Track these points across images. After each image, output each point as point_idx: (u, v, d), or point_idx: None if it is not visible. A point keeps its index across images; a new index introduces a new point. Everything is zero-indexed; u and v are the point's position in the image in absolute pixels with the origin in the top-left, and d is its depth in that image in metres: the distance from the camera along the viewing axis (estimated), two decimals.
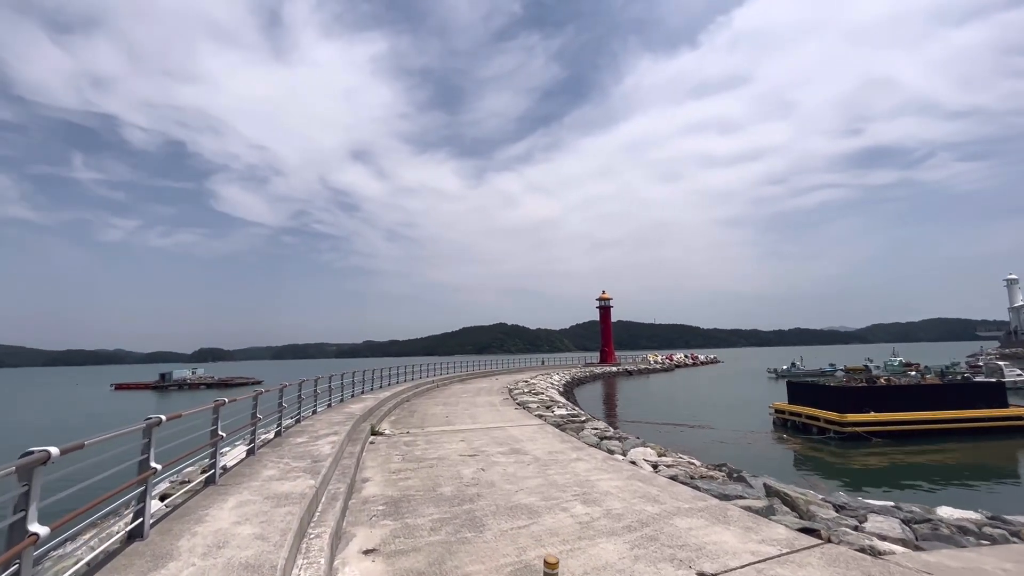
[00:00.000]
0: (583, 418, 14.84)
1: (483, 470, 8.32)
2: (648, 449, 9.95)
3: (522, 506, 6.28)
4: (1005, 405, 18.64)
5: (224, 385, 69.03)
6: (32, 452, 2.85)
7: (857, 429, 17.49)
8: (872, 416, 17.78)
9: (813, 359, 65.58)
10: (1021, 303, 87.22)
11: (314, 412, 12.83)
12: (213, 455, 6.06)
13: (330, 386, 14.88)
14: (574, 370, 55.79)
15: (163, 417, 4.81)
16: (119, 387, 71.27)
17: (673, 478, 7.55)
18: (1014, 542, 5.57)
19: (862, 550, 4.70)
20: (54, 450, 2.98)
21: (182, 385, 68.38)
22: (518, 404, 18.74)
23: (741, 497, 6.56)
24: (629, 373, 62.93)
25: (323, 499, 5.95)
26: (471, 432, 12.36)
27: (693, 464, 9.14)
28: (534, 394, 23.89)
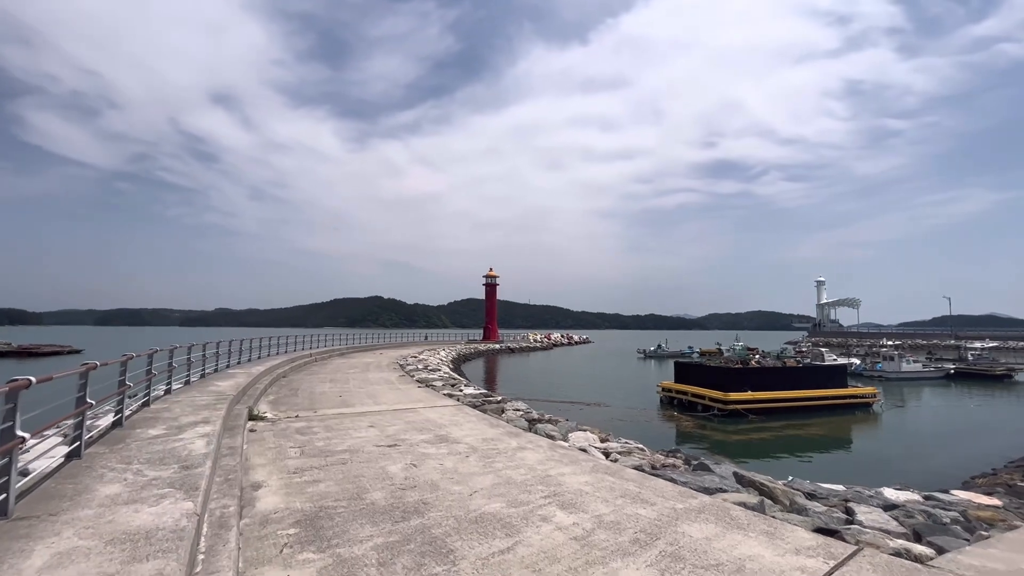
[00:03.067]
0: (498, 398, 13.74)
1: (415, 465, 6.74)
2: (588, 434, 9.14)
3: (489, 516, 4.91)
4: (846, 385, 21.69)
5: (27, 354, 55.79)
6: (16, 379, 3.16)
7: (738, 407, 18.90)
8: (750, 395, 19.35)
9: (674, 342, 72.72)
10: (825, 301, 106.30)
11: (168, 391, 9.92)
12: (6, 466, 3.69)
13: (189, 359, 11.82)
14: (459, 346, 54.84)
15: (32, 379, 3.62)
16: None
17: (639, 468, 6.73)
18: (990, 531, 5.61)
19: (897, 553, 4.19)
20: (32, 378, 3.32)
21: None
22: (419, 382, 17.07)
23: (722, 490, 5.92)
24: (511, 351, 63.83)
25: (206, 529, 3.94)
26: (378, 415, 10.54)
27: (643, 451, 8.51)
28: (430, 370, 22.29)
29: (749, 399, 19.31)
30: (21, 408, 3.59)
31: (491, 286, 71.86)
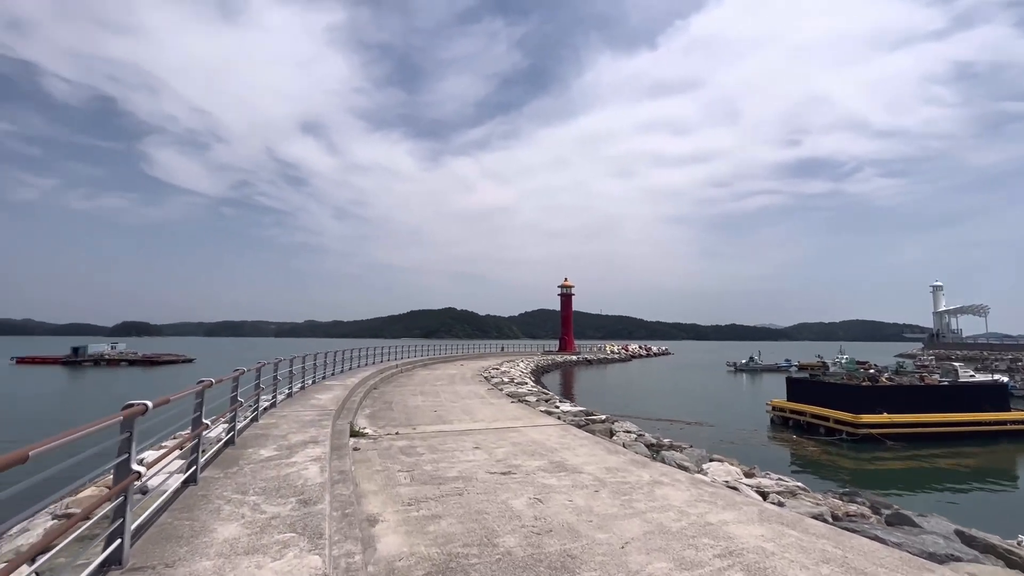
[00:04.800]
0: (602, 417, 12.62)
1: (540, 501, 5.84)
2: (728, 465, 7.81)
3: None
4: (1007, 408, 18.18)
5: (149, 363, 62.13)
6: (132, 404, 2.98)
7: (872, 431, 16.34)
8: (886, 417, 16.70)
9: (765, 354, 67.22)
10: (944, 308, 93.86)
11: (273, 405, 9.83)
12: (122, 506, 3.19)
13: (291, 371, 11.83)
14: (536, 358, 54.00)
15: (148, 403, 3.21)
16: (21, 361, 62.58)
17: (820, 518, 5.38)
18: None
19: None
20: (148, 403, 3.08)
21: (98, 361, 60.85)
22: (510, 396, 16.32)
23: (954, 557, 4.47)
24: (589, 362, 62.00)
25: None
26: (480, 435, 9.81)
27: (806, 491, 7.05)
28: (517, 384, 21.54)
29: (885, 422, 16.67)
30: (137, 436, 3.09)
31: (566, 296, 70.55)
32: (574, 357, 62.13)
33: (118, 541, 2.92)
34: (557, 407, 14.01)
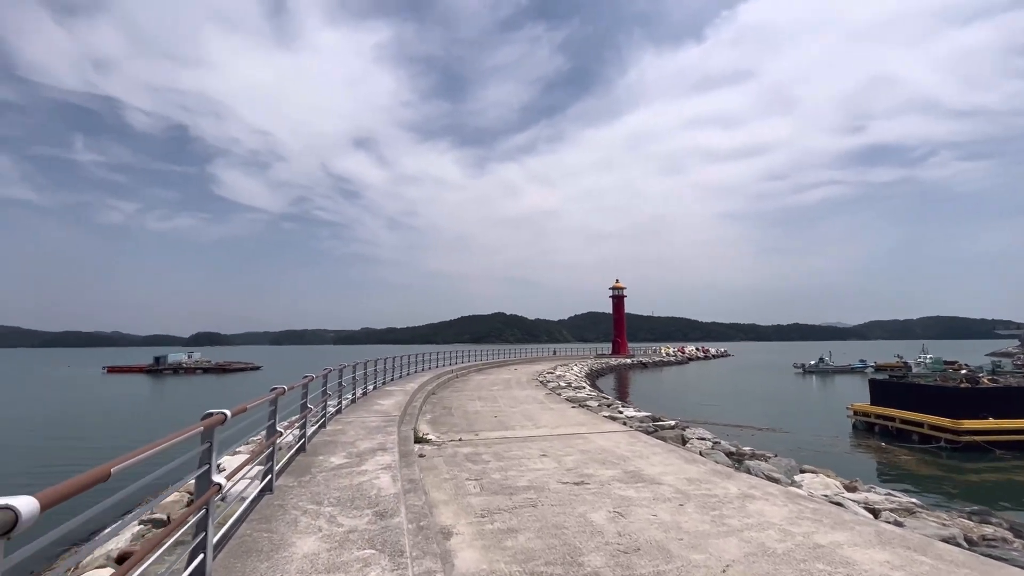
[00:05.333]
0: (671, 422, 11.96)
1: (621, 515, 5.42)
2: (824, 478, 7.07)
3: None
4: None
5: (221, 370, 66.08)
6: (212, 413, 2.91)
7: (976, 439, 14.67)
8: (992, 423, 14.96)
9: (839, 355, 62.88)
10: None
11: (339, 411, 9.91)
12: (205, 516, 3.09)
13: (353, 377, 11.97)
14: (589, 361, 53.06)
15: (227, 412, 3.12)
16: (111, 370, 68.20)
17: (951, 541, 4.66)
18: None
19: None
20: (227, 412, 3.04)
21: (177, 369, 65.35)
22: (570, 401, 15.89)
23: None
24: (644, 365, 60.27)
25: None
26: (545, 442, 9.47)
27: (922, 507, 6.24)
28: (574, 388, 21.05)
29: (991, 428, 14.93)
30: (217, 447, 2.97)
31: (618, 298, 69.05)
32: (628, 360, 60.62)
33: (201, 556, 2.80)
34: (621, 412, 13.44)
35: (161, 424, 24.56)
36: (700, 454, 8.40)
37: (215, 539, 3.15)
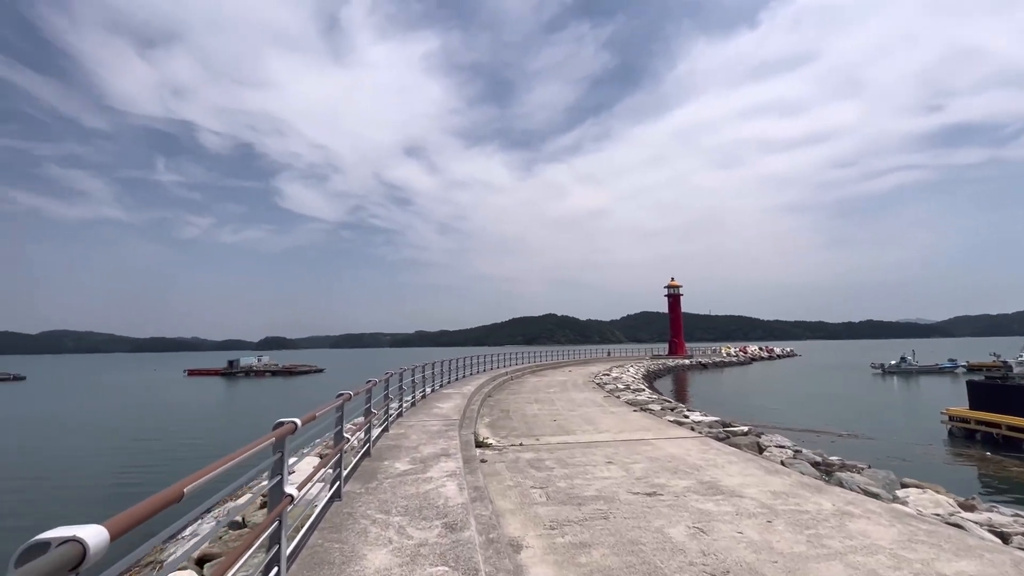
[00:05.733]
0: (744, 428, 11.22)
1: (702, 531, 5.00)
2: (933, 494, 6.29)
3: None
4: None
5: (288, 373, 69.57)
6: (283, 422, 2.84)
7: None
8: None
9: (922, 354, 57.81)
10: None
11: (400, 414, 9.97)
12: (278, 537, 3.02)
13: (413, 380, 12.05)
14: (645, 362, 51.61)
15: (297, 421, 3.01)
16: (191, 373, 73.50)
17: None
18: None
19: None
20: (297, 420, 2.97)
21: (248, 372, 69.46)
22: (630, 404, 15.34)
23: None
24: (703, 366, 57.92)
25: None
26: (610, 448, 9.09)
27: None
28: (633, 390, 20.39)
29: None
30: (288, 456, 2.88)
31: (674, 297, 66.88)
32: (686, 361, 58.48)
33: (275, 570, 2.72)
34: (687, 417, 12.79)
35: (236, 426, 26.02)
36: (782, 464, 7.75)
37: (288, 551, 3.08)
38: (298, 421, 2.96)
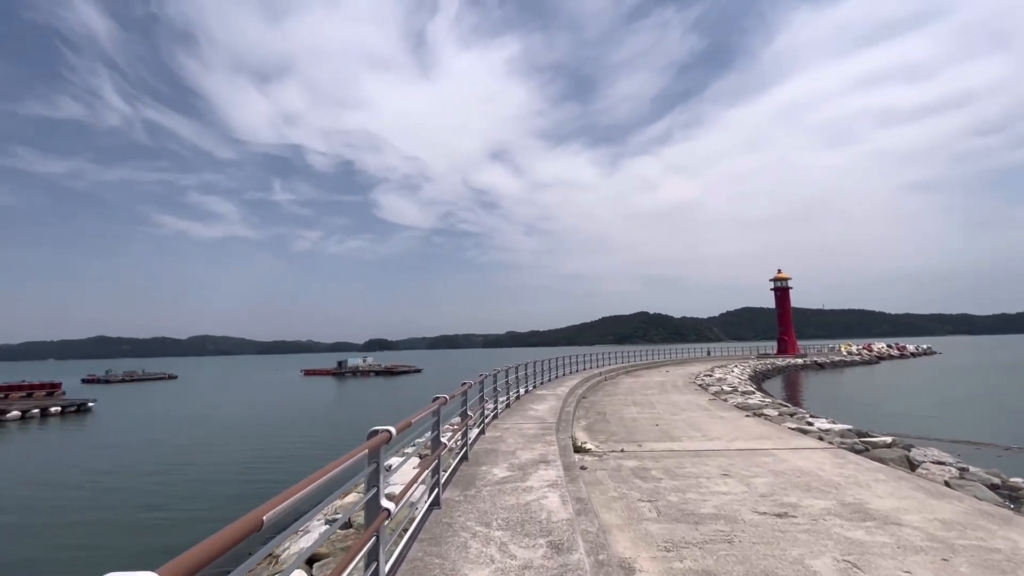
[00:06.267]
0: (885, 438, 9.66)
1: (855, 567, 4.16)
2: None
3: None
4: None
5: (389, 373, 73.85)
6: (377, 431, 2.70)
7: None
8: None
9: None
10: None
11: (495, 415, 9.83)
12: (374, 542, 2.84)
13: (507, 381, 11.91)
14: (751, 362, 47.75)
15: (392, 430, 2.81)
16: (307, 373, 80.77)
17: None
18: None
19: None
20: (392, 429, 2.81)
21: (355, 372, 74.79)
22: (741, 408, 14.01)
23: None
24: (820, 366, 52.31)
25: None
26: (723, 457, 8.21)
27: None
28: (741, 392, 18.73)
29: None
30: (383, 466, 2.68)
31: (782, 290, 61.22)
32: (799, 360, 53.22)
33: None
34: (810, 424, 11.35)
35: (345, 424, 27.91)
36: (946, 484, 6.44)
37: (387, 566, 2.90)
38: (393, 429, 2.77)
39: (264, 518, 1.39)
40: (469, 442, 6.54)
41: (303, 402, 40.88)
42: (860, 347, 71.65)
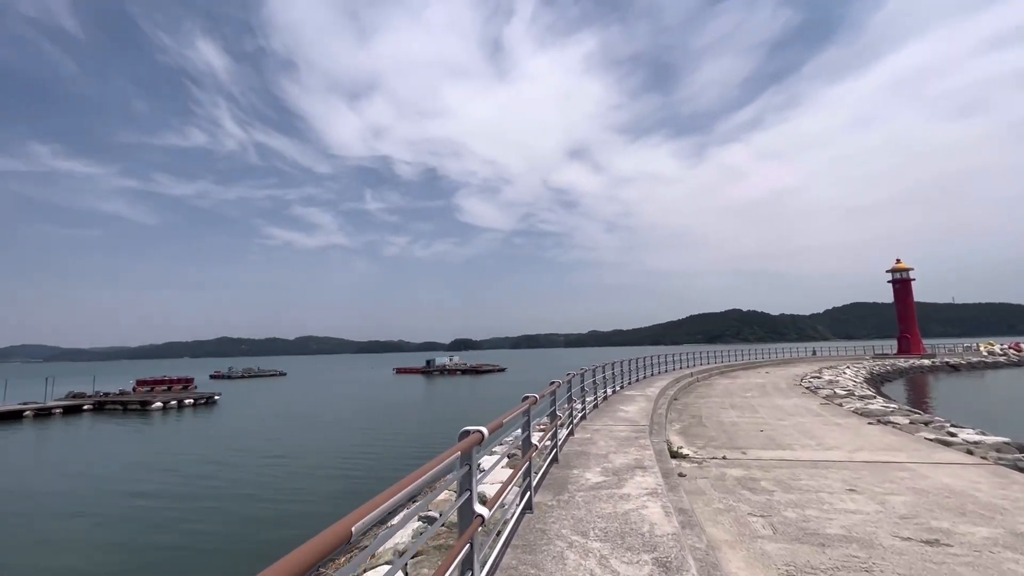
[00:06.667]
0: None
1: None
2: None
3: None
4: None
5: (475, 372, 75.71)
6: (468, 430, 2.54)
7: None
8: None
9: None
10: None
11: (583, 416, 9.49)
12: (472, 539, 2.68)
13: (594, 380, 11.51)
14: (865, 363, 42.86)
15: (484, 430, 2.63)
16: (399, 371, 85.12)
17: None
18: None
19: None
20: (484, 429, 2.62)
21: (443, 370, 77.56)
22: (859, 413, 12.46)
23: None
24: (954, 368, 45.70)
25: None
26: (844, 469, 7.25)
27: None
28: (858, 396, 16.73)
29: None
30: (476, 468, 2.51)
31: (902, 282, 54.32)
32: (925, 361, 46.91)
33: None
34: (952, 434, 9.76)
35: (436, 420, 28.86)
36: None
37: (482, 575, 2.73)
38: (485, 430, 2.59)
39: (353, 529, 1.24)
40: (559, 443, 6.29)
41: (397, 399, 43.00)
42: (1007, 346, 61.80)
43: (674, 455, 8.09)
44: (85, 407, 36.87)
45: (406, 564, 4.84)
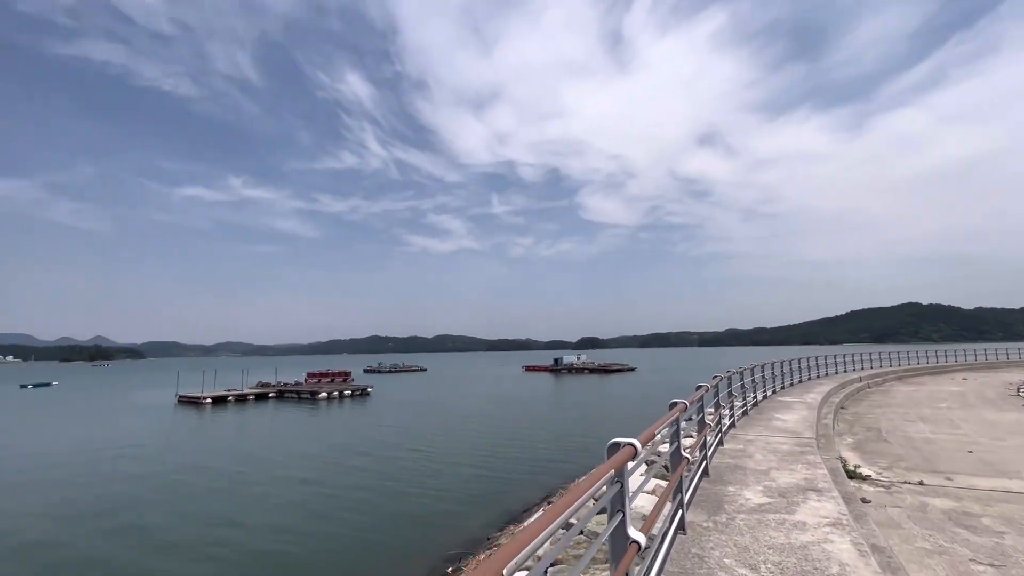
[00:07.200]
0: None
1: None
2: None
3: None
4: None
5: (603, 371, 74.30)
6: (619, 443, 2.25)
7: None
8: None
9: None
10: None
11: (732, 424, 8.52)
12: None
13: (743, 384, 10.33)
14: None
15: (636, 443, 2.29)
16: (528, 369, 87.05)
17: None
18: None
19: None
20: (636, 442, 2.28)
21: (571, 369, 77.47)
22: None
23: None
24: None
25: None
26: None
27: None
28: None
29: None
30: (628, 486, 2.18)
31: None
32: None
33: None
34: None
35: (568, 420, 28.77)
36: None
37: None
38: (637, 443, 2.25)
39: (504, 571, 1.01)
40: (708, 454, 5.63)
41: (527, 396, 43.92)
42: None
43: (851, 475, 6.83)
44: (270, 395, 43.75)
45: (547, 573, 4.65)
